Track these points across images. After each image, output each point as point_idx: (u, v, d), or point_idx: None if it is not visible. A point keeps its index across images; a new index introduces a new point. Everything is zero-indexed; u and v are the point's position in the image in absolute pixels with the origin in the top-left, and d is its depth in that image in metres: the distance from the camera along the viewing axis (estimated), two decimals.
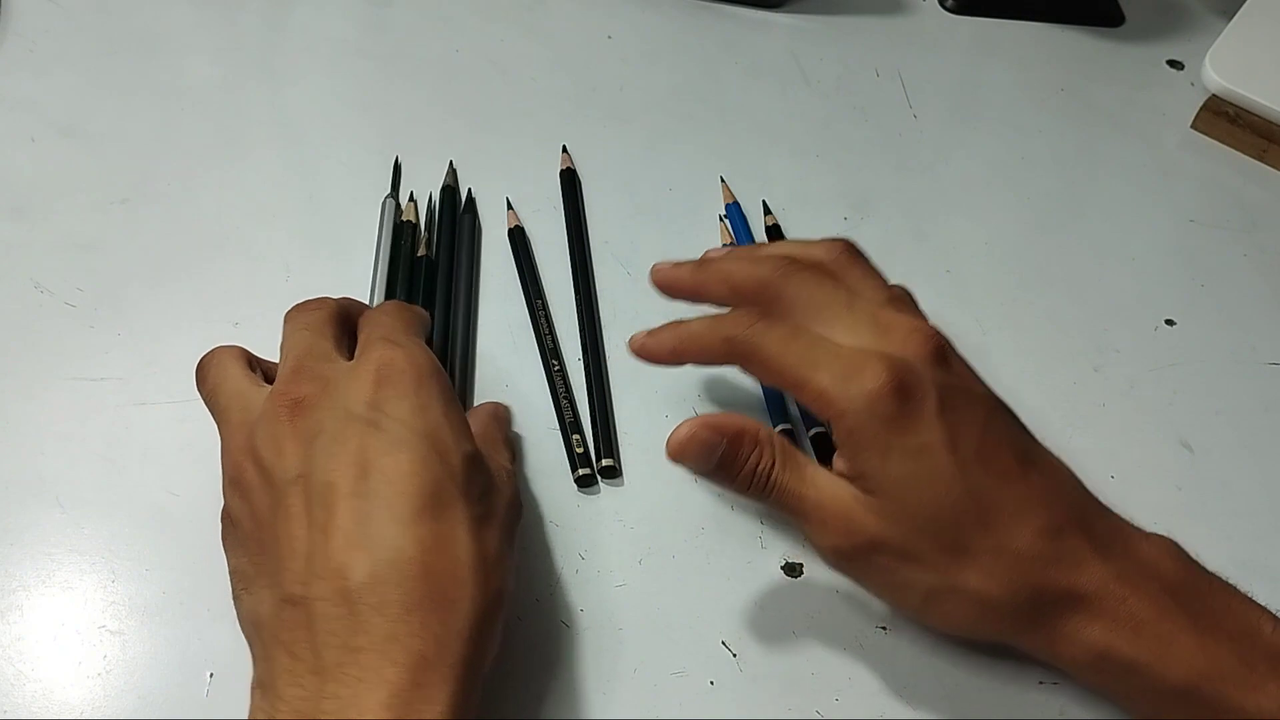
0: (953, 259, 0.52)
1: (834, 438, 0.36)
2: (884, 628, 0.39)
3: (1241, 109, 0.59)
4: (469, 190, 0.52)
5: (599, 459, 0.42)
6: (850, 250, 0.40)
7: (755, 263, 0.40)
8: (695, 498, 0.42)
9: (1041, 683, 0.38)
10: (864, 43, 0.64)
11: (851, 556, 0.36)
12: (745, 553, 0.41)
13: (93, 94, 0.54)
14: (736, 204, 0.53)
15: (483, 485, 0.34)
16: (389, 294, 0.46)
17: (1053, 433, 0.46)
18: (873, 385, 0.34)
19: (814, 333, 0.37)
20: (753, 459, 0.36)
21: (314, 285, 0.47)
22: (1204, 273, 0.54)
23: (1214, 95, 0.59)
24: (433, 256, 0.49)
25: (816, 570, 0.41)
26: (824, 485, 0.36)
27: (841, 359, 0.35)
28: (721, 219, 0.52)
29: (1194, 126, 0.61)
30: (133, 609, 0.37)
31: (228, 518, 0.36)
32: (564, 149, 0.54)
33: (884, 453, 0.34)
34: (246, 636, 0.34)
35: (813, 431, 0.44)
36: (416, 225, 0.50)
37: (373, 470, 0.32)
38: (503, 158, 0.54)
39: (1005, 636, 0.36)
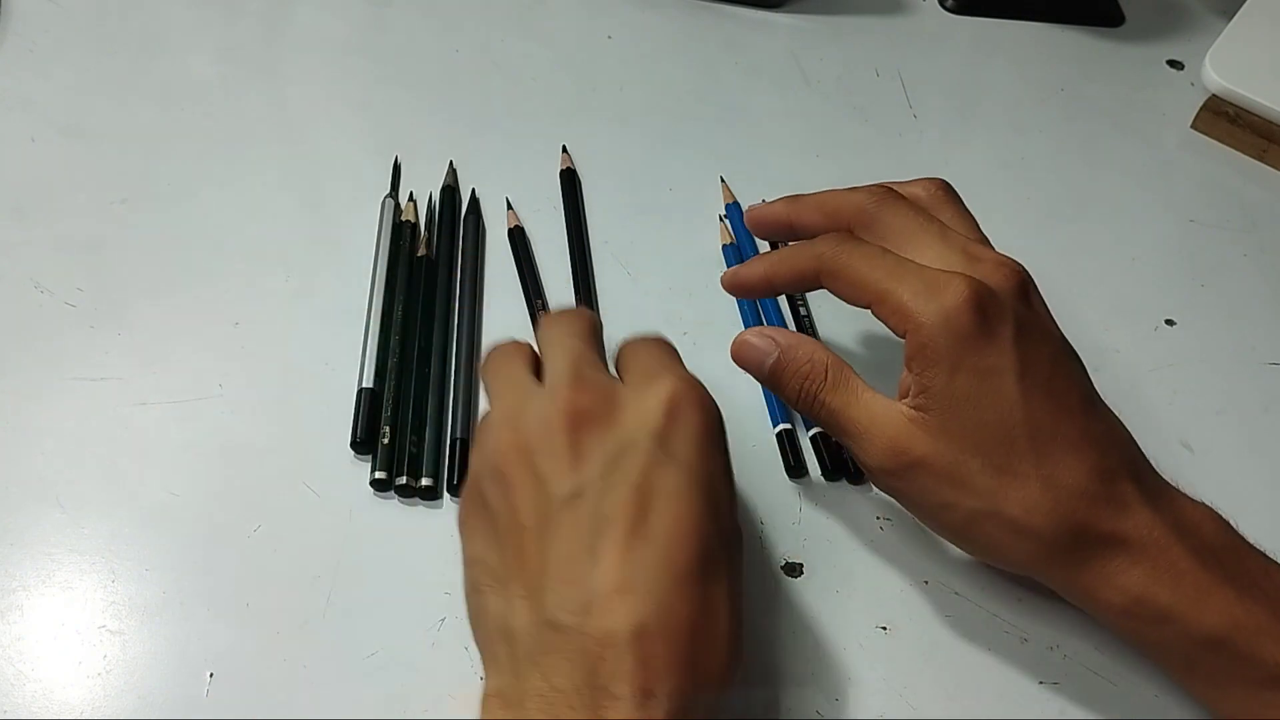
0: None
1: (905, 352, 0.36)
2: (884, 628, 0.39)
3: (1241, 109, 0.59)
4: (473, 191, 0.52)
5: None
6: (947, 189, 0.42)
7: (851, 191, 0.41)
8: None
9: (1041, 683, 0.38)
10: (864, 43, 0.64)
11: (898, 474, 0.37)
12: (745, 553, 0.41)
13: (93, 94, 0.54)
14: (737, 204, 0.53)
15: (738, 547, 0.34)
16: (389, 294, 0.46)
17: None
18: (953, 301, 0.35)
19: (903, 255, 0.38)
20: (799, 374, 0.38)
21: (314, 285, 0.47)
22: (1204, 273, 0.54)
23: (1214, 95, 0.59)
24: (432, 256, 0.49)
25: (816, 570, 0.41)
26: (876, 406, 0.37)
27: (926, 276, 0.36)
28: (722, 219, 0.52)
29: (1194, 126, 0.61)
30: (133, 609, 0.37)
31: (479, 500, 0.34)
32: (564, 149, 0.54)
33: (953, 369, 0.35)
34: (481, 635, 0.33)
35: (813, 432, 0.44)
36: (416, 225, 0.50)
37: (653, 512, 0.31)
38: (503, 158, 0.54)
39: (1039, 569, 0.37)
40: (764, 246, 0.51)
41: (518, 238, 0.50)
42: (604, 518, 0.31)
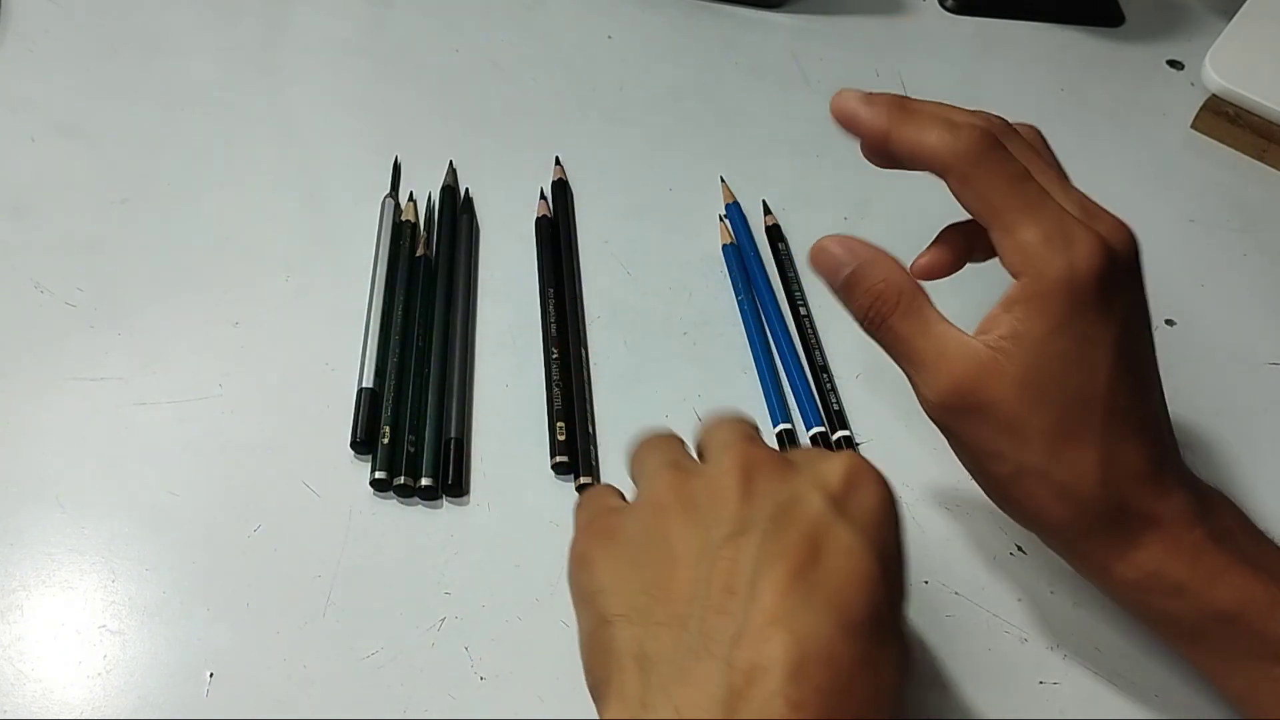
0: None
1: (1010, 293, 0.34)
2: None
3: (1241, 109, 0.59)
4: (466, 190, 0.52)
5: (578, 475, 0.42)
6: (1043, 137, 0.39)
7: (971, 114, 0.37)
8: None
9: (1041, 683, 0.38)
10: (864, 43, 0.64)
11: (956, 413, 0.35)
12: None
13: (93, 94, 0.54)
14: (736, 204, 0.53)
15: (907, 632, 0.33)
16: (388, 294, 0.46)
17: None
18: (1084, 256, 0.33)
19: (1042, 187, 0.35)
20: (871, 292, 0.36)
21: (314, 285, 0.47)
22: (1204, 273, 0.54)
23: (1214, 95, 0.59)
24: (432, 256, 0.49)
25: None
26: (948, 339, 0.35)
27: (1062, 221, 0.34)
28: (722, 219, 0.52)
29: (1194, 126, 0.61)
30: (133, 609, 0.37)
31: (607, 534, 0.32)
32: (556, 160, 0.54)
33: (1056, 327, 0.34)
34: (604, 665, 0.31)
35: (813, 431, 0.44)
36: (416, 225, 0.50)
37: (824, 559, 0.29)
38: (502, 158, 0.54)
39: (1067, 535, 0.36)
40: (764, 245, 0.51)
41: (543, 227, 0.50)
42: (769, 555, 0.29)
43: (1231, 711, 0.37)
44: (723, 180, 0.54)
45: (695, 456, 0.35)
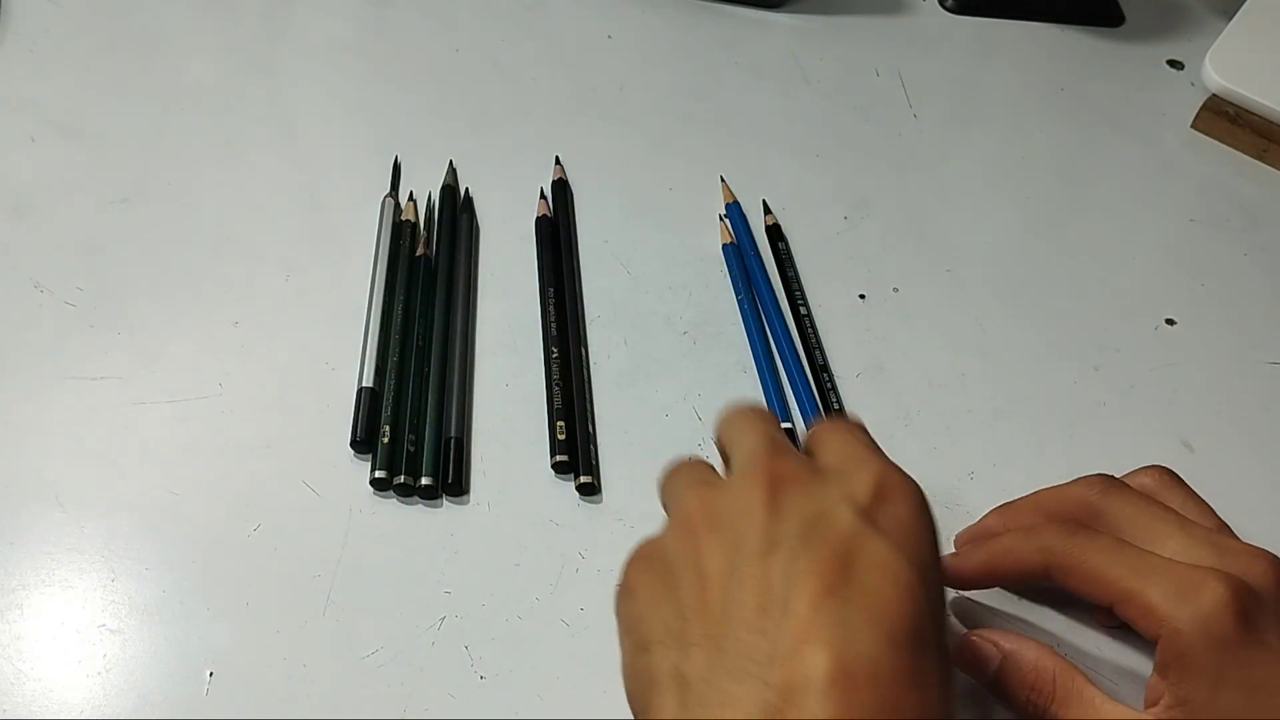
0: (953, 259, 0.52)
1: (1157, 659, 0.33)
2: None
3: (1241, 109, 0.59)
4: (466, 189, 0.52)
5: (578, 475, 0.42)
6: (1174, 475, 0.39)
7: (1069, 485, 0.38)
8: None
9: None
10: (864, 43, 0.64)
11: None
12: None
13: (93, 94, 0.54)
14: (737, 204, 0.53)
15: (947, 636, 0.31)
16: (388, 293, 0.46)
17: (1053, 432, 0.46)
18: (1211, 604, 0.32)
19: (1142, 548, 0.35)
20: (1025, 684, 0.35)
21: (314, 285, 0.47)
22: (1204, 273, 0.54)
23: (1214, 95, 0.59)
24: (432, 256, 0.49)
25: None
26: (1119, 718, 0.34)
27: (1177, 573, 0.33)
28: (722, 218, 0.52)
29: (1194, 126, 0.61)
30: (133, 608, 0.37)
31: (648, 562, 0.32)
32: (556, 160, 0.54)
33: (1216, 682, 0.32)
34: (643, 691, 0.30)
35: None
36: (416, 225, 0.50)
37: (858, 574, 0.28)
38: (502, 158, 0.54)
39: None
40: (764, 245, 0.51)
41: (543, 227, 0.50)
42: (800, 572, 0.28)
43: None
44: (723, 180, 0.54)
45: (722, 461, 0.34)
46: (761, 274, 0.50)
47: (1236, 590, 0.32)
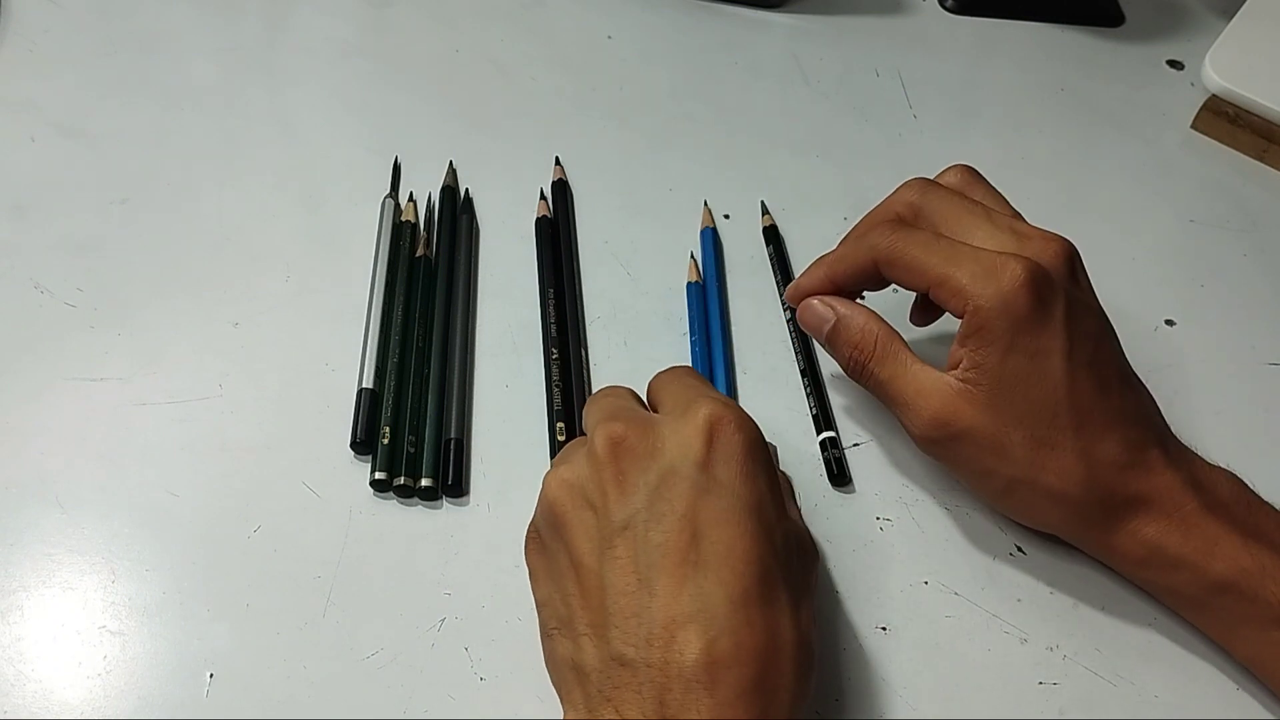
0: None
1: (960, 330, 0.38)
2: (883, 628, 0.39)
3: (1241, 109, 0.59)
4: (466, 190, 0.52)
5: None
6: (974, 172, 0.43)
7: (893, 193, 0.42)
8: None
9: (1041, 683, 0.38)
10: (864, 43, 0.64)
11: (942, 443, 0.39)
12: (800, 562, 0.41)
13: (93, 94, 0.54)
14: (713, 229, 0.51)
15: (797, 560, 0.34)
16: (389, 294, 0.46)
17: None
18: (1010, 285, 0.37)
19: (954, 238, 0.39)
20: (850, 343, 0.40)
21: (314, 285, 0.47)
22: (1204, 273, 0.54)
23: (1214, 95, 0.59)
24: (432, 256, 0.49)
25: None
26: (924, 378, 0.39)
27: (983, 259, 0.38)
28: (692, 256, 0.51)
29: (1194, 126, 0.61)
30: (133, 609, 0.37)
31: (538, 546, 0.36)
32: (556, 160, 0.54)
33: (1007, 349, 0.37)
34: (557, 677, 0.34)
35: (822, 437, 0.44)
36: (416, 225, 0.50)
37: (704, 539, 0.32)
38: (502, 158, 0.54)
39: (1069, 530, 0.40)
40: (762, 246, 0.51)
41: (543, 227, 0.50)
42: (654, 547, 0.32)
43: (1233, 697, 0.37)
44: (706, 205, 0.53)
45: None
46: (720, 316, 0.48)
47: (1033, 272, 0.37)
